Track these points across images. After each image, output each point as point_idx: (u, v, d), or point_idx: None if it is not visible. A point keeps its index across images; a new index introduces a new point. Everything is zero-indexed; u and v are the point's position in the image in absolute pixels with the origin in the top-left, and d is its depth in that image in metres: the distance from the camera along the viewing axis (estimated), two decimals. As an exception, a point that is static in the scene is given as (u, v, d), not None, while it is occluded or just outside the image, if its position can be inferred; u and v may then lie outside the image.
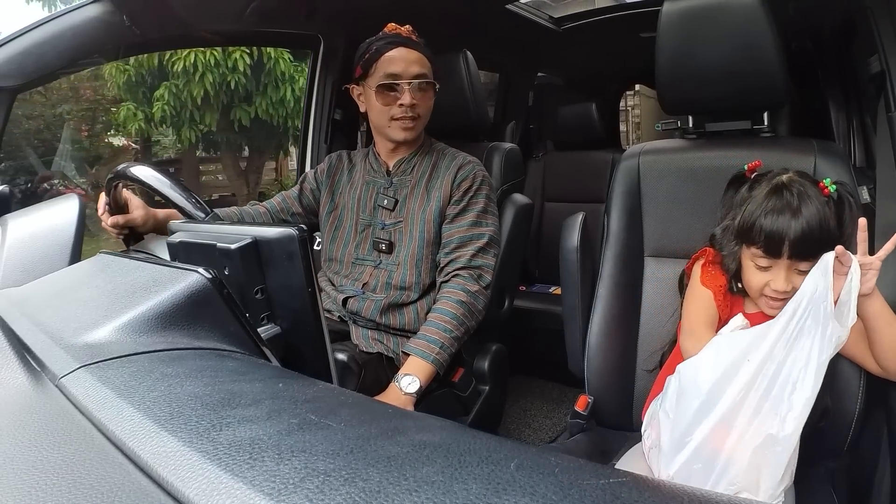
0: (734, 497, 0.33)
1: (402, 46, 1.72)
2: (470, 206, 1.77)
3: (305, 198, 1.93)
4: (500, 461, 0.34)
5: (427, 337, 1.61)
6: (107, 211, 1.40)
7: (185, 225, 0.95)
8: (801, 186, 1.20)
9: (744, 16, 1.42)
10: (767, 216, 1.21)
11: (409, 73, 1.71)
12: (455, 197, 1.75)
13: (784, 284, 1.22)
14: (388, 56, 1.71)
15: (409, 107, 1.71)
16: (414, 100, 1.71)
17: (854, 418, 1.30)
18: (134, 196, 1.46)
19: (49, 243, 1.03)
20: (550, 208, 3.59)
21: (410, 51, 1.72)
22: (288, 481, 0.32)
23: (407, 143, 1.80)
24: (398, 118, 1.73)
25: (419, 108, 1.74)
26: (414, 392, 1.54)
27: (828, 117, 3.05)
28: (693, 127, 1.68)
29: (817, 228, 1.17)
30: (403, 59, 1.71)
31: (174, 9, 1.75)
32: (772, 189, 1.23)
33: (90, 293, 0.68)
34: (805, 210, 1.18)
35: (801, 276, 1.20)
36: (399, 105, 1.71)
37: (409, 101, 1.71)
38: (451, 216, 1.75)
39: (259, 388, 0.47)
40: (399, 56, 1.71)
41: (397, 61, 1.71)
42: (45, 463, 0.39)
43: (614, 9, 3.49)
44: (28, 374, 0.53)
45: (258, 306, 0.75)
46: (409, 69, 1.71)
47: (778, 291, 1.23)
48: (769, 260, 1.23)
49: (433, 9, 2.32)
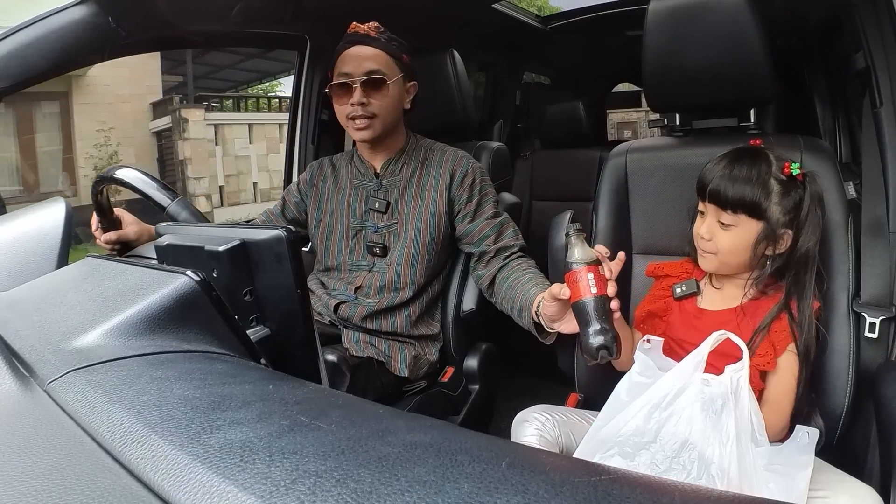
0: (725, 492, 0.33)
1: (359, 44, 1.69)
2: (483, 198, 1.76)
3: (290, 212, 1.91)
4: (491, 460, 0.34)
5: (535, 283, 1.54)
6: (100, 227, 1.39)
7: (173, 227, 0.95)
8: (765, 155, 1.29)
9: (730, 13, 1.43)
10: (711, 163, 1.32)
11: (360, 70, 1.66)
12: (464, 195, 1.74)
13: (705, 230, 1.30)
14: (343, 55, 1.69)
15: (358, 105, 1.67)
16: (364, 97, 1.67)
17: (843, 412, 1.31)
18: (126, 213, 1.45)
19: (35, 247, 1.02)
20: (538, 207, 3.59)
21: (365, 48, 1.69)
22: (279, 483, 0.32)
23: (368, 143, 1.76)
24: (352, 118, 1.69)
25: (372, 107, 1.68)
26: None
27: (814, 114, 3.07)
28: (680, 124, 1.68)
29: (740, 182, 1.25)
30: (356, 56, 1.68)
31: (160, 10, 1.74)
32: (737, 148, 1.33)
33: (78, 297, 0.68)
34: (741, 165, 1.27)
35: (723, 229, 1.28)
36: (351, 104, 1.67)
37: (358, 99, 1.66)
38: (471, 213, 1.74)
39: (249, 391, 0.47)
40: (352, 54, 1.68)
41: (349, 60, 1.68)
42: (34, 469, 0.38)
43: (601, 7, 3.49)
44: (16, 379, 0.53)
45: (247, 308, 0.75)
46: (360, 66, 1.67)
47: (698, 235, 1.32)
48: (702, 204, 1.32)
49: (419, 8, 2.32)
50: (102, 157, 10.28)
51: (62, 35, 1.56)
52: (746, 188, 1.24)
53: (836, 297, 1.35)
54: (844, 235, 1.35)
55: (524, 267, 1.65)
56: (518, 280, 1.60)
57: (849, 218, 1.37)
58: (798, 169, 1.26)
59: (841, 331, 1.33)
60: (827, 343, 1.33)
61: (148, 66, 10.87)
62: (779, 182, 1.25)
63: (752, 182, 1.24)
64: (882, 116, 1.39)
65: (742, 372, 1.04)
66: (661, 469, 1.03)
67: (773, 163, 1.27)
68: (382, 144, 1.79)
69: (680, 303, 1.40)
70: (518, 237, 1.75)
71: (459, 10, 2.81)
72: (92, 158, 10.20)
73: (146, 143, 11.23)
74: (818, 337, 1.28)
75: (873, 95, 1.41)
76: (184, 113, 10.76)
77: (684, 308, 1.39)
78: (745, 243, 1.27)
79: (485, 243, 1.72)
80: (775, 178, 1.25)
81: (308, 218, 1.88)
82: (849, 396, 1.30)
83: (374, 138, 1.73)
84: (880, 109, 1.39)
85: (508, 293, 1.61)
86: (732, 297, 1.34)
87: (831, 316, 1.34)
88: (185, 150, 10.73)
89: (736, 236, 1.27)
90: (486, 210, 1.75)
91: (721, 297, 1.36)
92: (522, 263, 1.67)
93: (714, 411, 1.03)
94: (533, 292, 1.50)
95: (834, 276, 1.35)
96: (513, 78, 4.09)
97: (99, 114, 10.48)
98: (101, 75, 10.23)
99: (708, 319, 1.34)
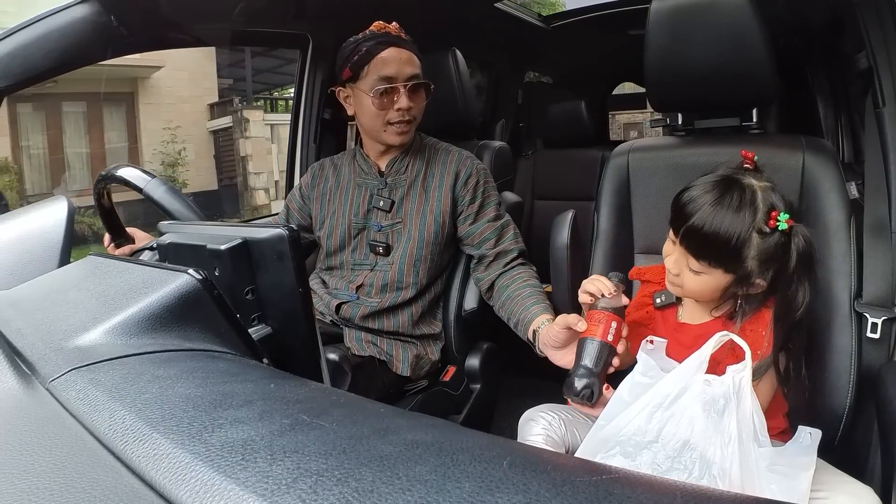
0: (726, 492, 0.33)
1: (394, 46, 1.66)
2: (486, 200, 1.76)
3: (294, 219, 1.90)
4: (492, 459, 0.34)
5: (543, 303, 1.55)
6: (112, 244, 1.39)
7: (175, 226, 0.95)
8: (751, 196, 1.14)
9: (732, 13, 1.43)
10: (690, 191, 1.19)
11: (403, 74, 1.65)
12: (467, 196, 1.74)
13: (672, 265, 1.22)
14: (381, 57, 1.65)
15: (405, 110, 1.66)
16: (410, 102, 1.66)
17: (844, 413, 1.31)
18: (139, 231, 1.45)
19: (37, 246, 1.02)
20: (540, 206, 3.60)
21: (402, 50, 1.67)
22: (280, 482, 0.32)
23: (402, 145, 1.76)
24: (394, 122, 1.67)
25: (414, 111, 1.69)
26: None
27: (816, 113, 3.07)
28: (682, 124, 1.68)
29: (715, 237, 1.13)
30: (396, 59, 1.65)
31: (162, 9, 1.74)
32: (723, 178, 1.18)
33: (80, 295, 0.68)
34: (722, 214, 1.13)
35: (692, 274, 1.19)
36: (396, 109, 1.66)
37: (407, 105, 1.66)
38: (473, 214, 1.74)
39: (251, 389, 0.47)
40: (392, 57, 1.65)
41: (391, 63, 1.65)
42: (36, 467, 0.38)
43: (603, 7, 3.49)
44: (18, 377, 0.53)
45: (249, 307, 0.75)
46: (403, 70, 1.65)
47: (668, 269, 1.24)
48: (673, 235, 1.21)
49: (422, 7, 2.32)
50: (170, 153, 11.14)
51: (64, 34, 1.56)
52: (723, 243, 1.13)
53: (838, 297, 1.34)
54: (846, 236, 1.35)
55: (524, 277, 1.65)
56: (518, 293, 1.60)
57: (851, 218, 1.36)
58: (785, 223, 1.12)
59: (843, 331, 1.33)
60: (828, 344, 1.33)
61: (205, 69, 11.85)
62: (761, 234, 1.13)
63: (731, 237, 1.12)
64: (885, 116, 1.39)
65: (744, 372, 1.04)
66: (663, 469, 1.02)
67: (759, 209, 1.13)
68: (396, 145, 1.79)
69: (662, 312, 1.37)
70: (518, 241, 1.75)
71: (462, 9, 2.80)
72: (160, 154, 11.01)
73: (204, 142, 12.06)
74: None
75: (876, 95, 1.41)
76: (245, 113, 11.54)
77: (666, 319, 1.36)
78: (712, 288, 1.20)
79: (484, 246, 1.72)
80: (757, 231, 1.12)
81: (312, 219, 1.87)
82: (850, 397, 1.30)
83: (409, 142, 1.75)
84: (883, 109, 1.39)
85: (507, 303, 1.62)
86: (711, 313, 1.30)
87: (833, 316, 1.34)
88: (245, 148, 11.46)
89: (703, 283, 1.19)
90: (489, 212, 1.75)
91: (701, 310, 1.31)
92: (523, 273, 1.67)
93: (716, 411, 1.03)
94: (534, 311, 1.51)
95: (836, 277, 1.35)
96: (515, 77, 4.09)
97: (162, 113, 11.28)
98: (164, 77, 11.17)
99: (688, 333, 1.30)
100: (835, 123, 2.98)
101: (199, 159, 11.68)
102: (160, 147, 11.07)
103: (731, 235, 1.12)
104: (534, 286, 1.62)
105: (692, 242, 1.16)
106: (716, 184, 1.17)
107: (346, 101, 1.77)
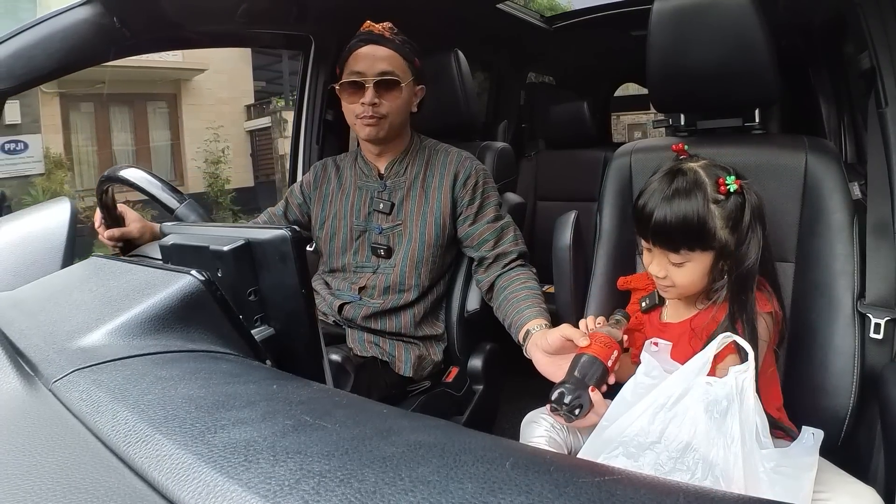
0: (729, 493, 0.33)
1: (372, 44, 1.68)
2: (485, 201, 1.76)
3: (292, 213, 1.90)
4: (495, 460, 0.34)
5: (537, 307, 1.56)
6: (103, 224, 1.39)
7: (178, 227, 0.95)
8: (695, 176, 1.21)
9: (734, 14, 1.43)
10: (644, 197, 1.25)
11: (373, 70, 1.66)
12: (466, 197, 1.74)
13: (657, 269, 1.26)
14: (355, 54, 1.68)
15: (370, 105, 1.66)
16: (376, 98, 1.66)
17: (848, 413, 1.30)
18: (130, 210, 1.45)
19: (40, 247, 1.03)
20: (543, 207, 3.59)
21: (379, 48, 1.68)
22: (283, 483, 0.32)
23: (375, 141, 1.75)
24: (361, 116, 1.68)
25: (382, 108, 1.68)
26: None
27: (818, 114, 3.07)
28: (685, 125, 1.68)
29: (680, 223, 1.19)
30: (369, 56, 1.67)
31: (165, 10, 1.74)
32: (667, 172, 1.25)
33: (83, 296, 0.68)
34: (677, 201, 1.19)
35: (676, 267, 1.23)
36: (361, 103, 1.67)
37: (370, 100, 1.66)
38: (472, 216, 1.74)
39: (253, 390, 0.47)
40: (365, 53, 1.67)
41: (362, 59, 1.67)
42: (39, 468, 0.38)
43: (605, 7, 3.49)
44: (21, 378, 0.53)
45: (251, 308, 0.75)
46: (373, 66, 1.66)
47: (655, 275, 1.28)
48: (645, 242, 1.27)
49: (424, 8, 2.32)
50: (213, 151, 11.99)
51: (67, 35, 1.57)
52: (688, 226, 1.18)
53: (841, 297, 1.34)
54: (849, 236, 1.35)
55: (522, 279, 1.65)
56: (514, 294, 1.61)
57: (854, 218, 1.36)
58: (734, 183, 1.19)
59: (846, 332, 1.33)
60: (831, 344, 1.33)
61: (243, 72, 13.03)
62: (717, 204, 1.19)
63: (693, 218, 1.18)
64: (887, 116, 1.39)
65: (747, 374, 1.04)
66: (666, 470, 1.02)
67: (706, 185, 1.20)
68: (387, 146, 1.79)
69: (648, 316, 1.40)
70: (518, 242, 1.75)
71: (464, 10, 2.81)
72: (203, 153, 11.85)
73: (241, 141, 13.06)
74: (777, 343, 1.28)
75: (878, 95, 1.41)
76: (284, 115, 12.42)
77: (652, 321, 1.39)
78: (700, 273, 1.23)
79: (483, 248, 1.72)
80: (713, 202, 1.19)
81: (312, 220, 1.87)
82: (853, 397, 1.30)
83: (381, 138, 1.73)
84: (885, 109, 1.39)
85: (503, 305, 1.62)
86: (691, 309, 1.33)
87: (836, 317, 1.34)
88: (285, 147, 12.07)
89: (690, 271, 1.24)
90: (488, 213, 1.75)
91: (682, 308, 1.35)
92: (521, 274, 1.67)
93: (719, 412, 1.03)
94: (527, 315, 1.52)
95: (839, 277, 1.35)
96: (517, 78, 4.09)
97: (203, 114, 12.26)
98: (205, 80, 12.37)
99: (671, 332, 1.33)
100: (837, 124, 2.98)
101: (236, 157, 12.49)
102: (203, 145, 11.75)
103: (693, 215, 1.18)
104: (531, 288, 1.62)
105: (663, 238, 1.22)
106: (662, 179, 1.24)
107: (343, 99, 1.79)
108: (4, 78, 1.50)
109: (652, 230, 1.22)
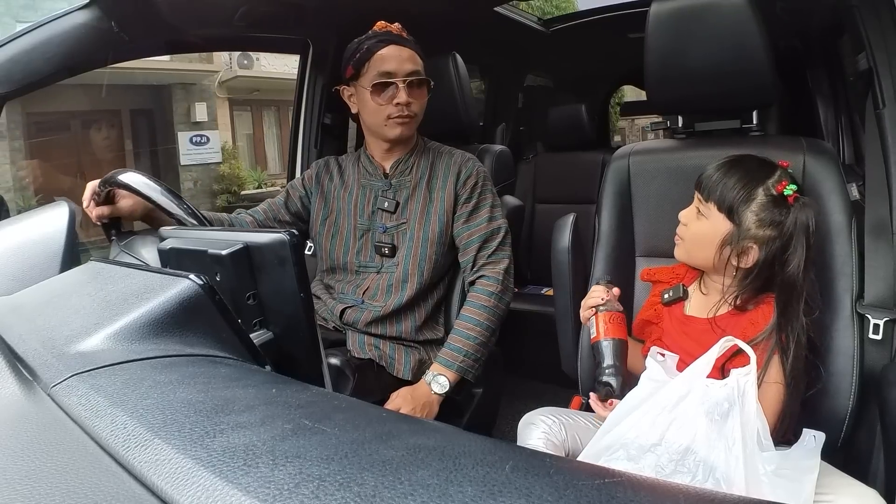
0: (730, 495, 0.33)
1: (394, 44, 1.69)
2: (481, 202, 1.77)
3: (293, 204, 1.89)
4: (495, 463, 0.34)
5: (452, 346, 1.67)
6: (93, 201, 1.37)
7: (177, 231, 0.95)
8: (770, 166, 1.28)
9: (732, 15, 1.43)
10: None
11: (402, 70, 1.68)
12: (463, 196, 1.75)
13: (685, 213, 1.34)
14: (380, 54, 1.68)
15: (404, 105, 1.69)
16: (409, 97, 1.69)
17: (847, 414, 1.30)
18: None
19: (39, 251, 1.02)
20: (542, 210, 3.59)
21: (402, 48, 1.70)
22: (283, 487, 0.32)
23: (402, 141, 1.77)
24: (394, 117, 1.70)
25: (414, 107, 1.71)
26: (442, 393, 1.63)
27: (816, 115, 3.07)
28: (683, 126, 1.68)
29: (730, 178, 1.26)
30: (396, 56, 1.69)
31: (163, 14, 1.74)
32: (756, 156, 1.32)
33: (81, 301, 0.68)
34: (744, 164, 1.28)
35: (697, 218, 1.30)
36: (395, 104, 1.68)
37: (405, 99, 1.68)
38: (465, 215, 1.75)
39: (252, 394, 0.47)
40: (392, 54, 1.68)
41: (390, 59, 1.68)
42: (38, 472, 0.38)
43: (602, 10, 3.50)
44: (20, 383, 0.53)
45: (250, 312, 0.75)
46: (402, 67, 1.68)
47: (680, 219, 1.35)
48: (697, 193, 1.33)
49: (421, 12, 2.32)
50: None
51: (65, 39, 1.57)
52: (731, 185, 1.24)
53: (840, 298, 1.34)
54: (848, 237, 1.35)
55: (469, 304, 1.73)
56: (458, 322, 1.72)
57: (852, 219, 1.36)
58: (792, 191, 1.21)
59: (845, 333, 1.33)
60: (830, 345, 1.33)
61: None
62: (767, 195, 1.23)
63: (741, 183, 1.24)
64: (885, 117, 1.39)
65: (749, 377, 1.04)
66: (667, 472, 1.02)
67: (773, 175, 1.25)
68: (400, 145, 1.80)
69: (669, 308, 1.40)
70: (501, 250, 1.77)
71: (462, 13, 2.81)
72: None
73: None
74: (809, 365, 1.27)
75: (876, 96, 1.41)
76: None
77: (673, 314, 1.39)
78: (710, 237, 1.27)
79: (467, 250, 1.75)
80: (765, 190, 1.23)
81: (313, 214, 1.87)
82: (853, 399, 1.30)
83: (408, 137, 1.77)
84: (883, 110, 1.39)
85: None
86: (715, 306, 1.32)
87: (835, 318, 1.34)
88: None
89: (704, 227, 1.28)
90: (482, 214, 1.76)
91: (706, 304, 1.34)
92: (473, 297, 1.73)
93: (720, 415, 1.03)
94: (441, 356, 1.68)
95: (837, 278, 1.35)
96: (515, 81, 4.09)
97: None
98: None
99: (694, 326, 1.33)
100: (835, 125, 2.98)
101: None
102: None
103: (743, 182, 1.24)
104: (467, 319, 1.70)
105: (708, 183, 1.29)
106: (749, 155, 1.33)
107: (349, 100, 1.80)
108: (3, 82, 1.50)
109: (706, 173, 1.30)
